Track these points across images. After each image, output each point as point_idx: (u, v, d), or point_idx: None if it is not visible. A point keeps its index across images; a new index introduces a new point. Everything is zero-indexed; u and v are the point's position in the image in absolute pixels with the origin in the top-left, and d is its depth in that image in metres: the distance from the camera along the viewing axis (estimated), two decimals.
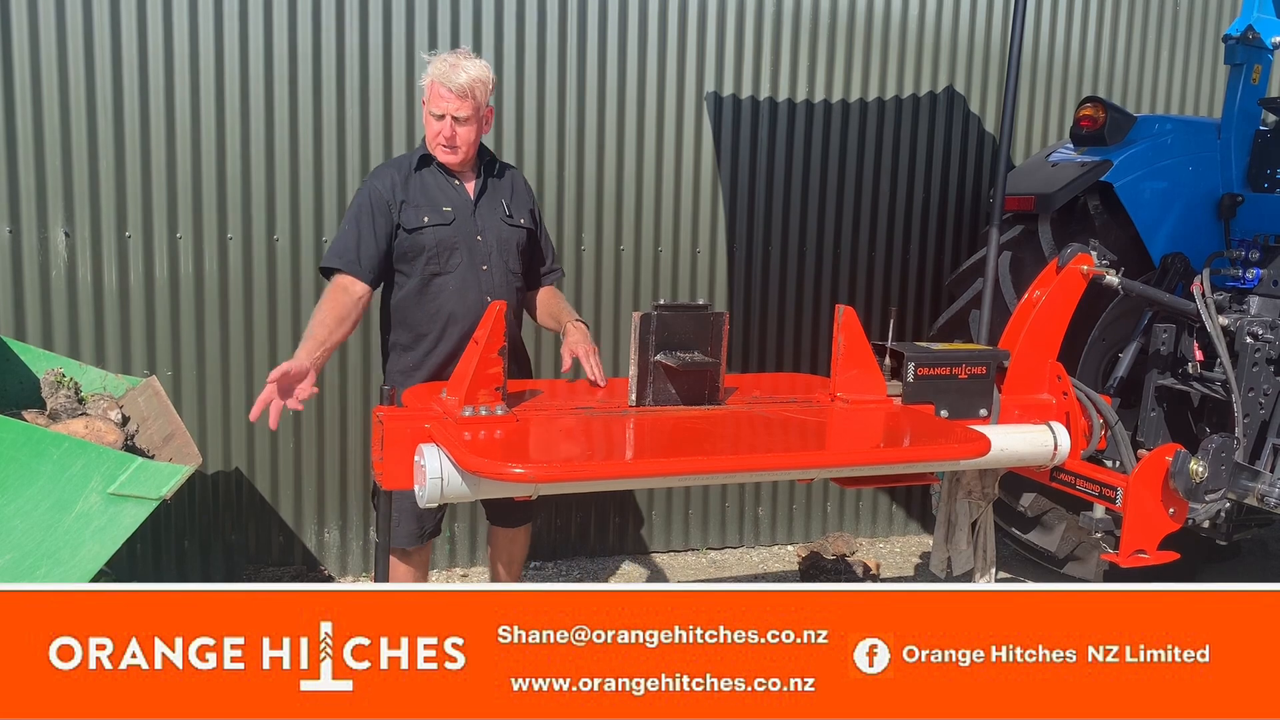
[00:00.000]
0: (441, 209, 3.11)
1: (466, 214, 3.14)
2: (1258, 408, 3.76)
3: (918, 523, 5.41)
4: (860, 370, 3.03)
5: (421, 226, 3.08)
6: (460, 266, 3.11)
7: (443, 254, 3.10)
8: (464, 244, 3.12)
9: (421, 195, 3.11)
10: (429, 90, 3.06)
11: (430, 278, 3.11)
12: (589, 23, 4.52)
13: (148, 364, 4.12)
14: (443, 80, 3.01)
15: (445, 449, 2.43)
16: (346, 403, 4.39)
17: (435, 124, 3.07)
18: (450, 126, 3.05)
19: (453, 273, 3.11)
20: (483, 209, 3.17)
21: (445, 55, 3.06)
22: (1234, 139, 4.26)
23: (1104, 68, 5.50)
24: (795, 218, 4.97)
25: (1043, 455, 3.13)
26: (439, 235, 3.09)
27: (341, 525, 4.50)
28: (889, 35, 5.01)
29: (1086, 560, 4.46)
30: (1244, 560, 4.88)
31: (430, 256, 3.10)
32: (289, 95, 4.17)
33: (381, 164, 3.33)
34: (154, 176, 4.06)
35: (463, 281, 3.12)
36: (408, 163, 3.17)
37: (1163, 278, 4.07)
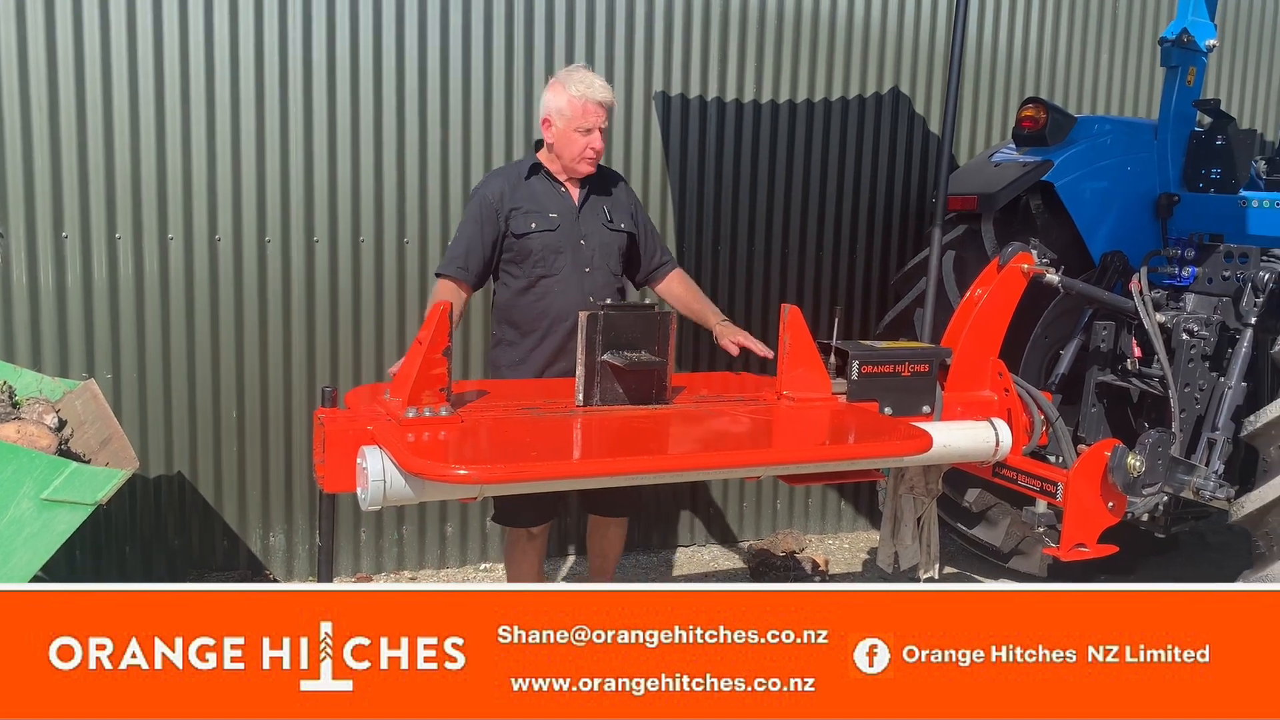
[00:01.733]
0: (548, 215, 3.30)
1: (571, 220, 3.33)
2: (1194, 403, 3.84)
3: (866, 519, 5.46)
4: (806, 369, 3.05)
5: (529, 232, 3.27)
6: (565, 269, 3.30)
7: (549, 258, 3.29)
8: (569, 248, 3.31)
9: (530, 202, 3.31)
10: (577, 108, 3.23)
11: (537, 279, 3.30)
12: (535, 21, 4.50)
13: (86, 367, 4.04)
14: (593, 96, 3.23)
15: (388, 451, 2.41)
16: (291, 404, 4.34)
17: (583, 139, 3.26)
18: (599, 139, 3.27)
19: (558, 275, 3.30)
20: (586, 215, 3.36)
21: (572, 73, 3.28)
22: (1170, 140, 4.34)
23: (1045, 69, 5.59)
24: (744, 218, 4.99)
25: (984, 451, 3.17)
26: (545, 240, 3.28)
27: (287, 529, 4.44)
28: (835, 36, 5.05)
29: (1030, 554, 4.53)
30: (1182, 553, 4.98)
31: (537, 260, 3.28)
32: (230, 92, 4.11)
33: (492, 171, 3.53)
34: (91, 175, 3.98)
35: (567, 283, 3.30)
36: (517, 171, 3.37)
37: (1102, 276, 4.14)
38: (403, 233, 4.40)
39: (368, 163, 4.32)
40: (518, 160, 3.49)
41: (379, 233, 4.37)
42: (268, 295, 4.25)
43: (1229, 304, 3.84)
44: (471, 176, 4.45)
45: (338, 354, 4.38)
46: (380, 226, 4.37)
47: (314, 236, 4.28)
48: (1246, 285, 3.77)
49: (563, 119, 3.27)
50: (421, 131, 4.38)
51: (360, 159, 4.31)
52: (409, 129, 4.36)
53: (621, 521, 3.70)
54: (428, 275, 4.44)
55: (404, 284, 4.43)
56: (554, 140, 3.32)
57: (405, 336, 4.40)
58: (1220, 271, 3.89)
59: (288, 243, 4.25)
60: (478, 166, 4.47)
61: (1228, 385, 3.73)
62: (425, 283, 4.44)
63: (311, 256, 4.29)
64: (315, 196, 4.27)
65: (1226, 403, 3.72)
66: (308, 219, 4.27)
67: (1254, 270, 3.77)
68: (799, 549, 5.04)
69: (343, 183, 4.30)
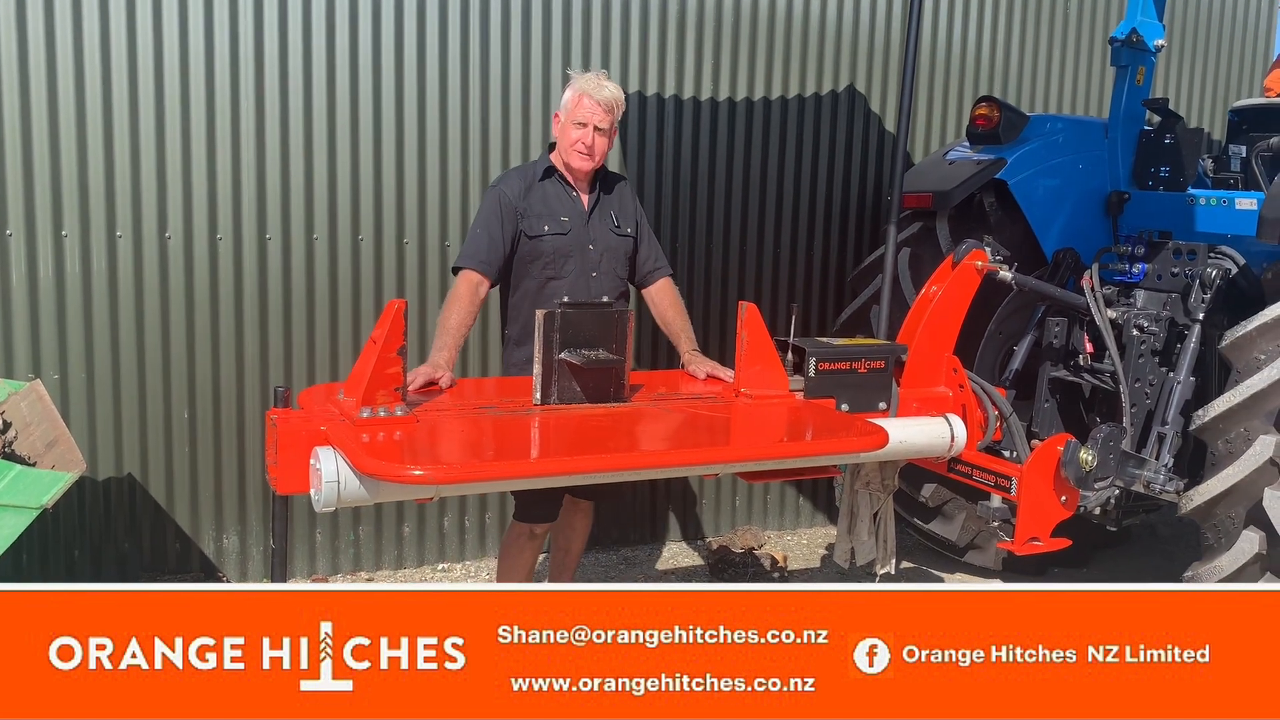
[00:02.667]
0: (560, 218, 3.36)
1: (581, 224, 3.38)
2: (1144, 398, 3.90)
3: (824, 515, 5.49)
4: (763, 366, 3.06)
5: (541, 234, 3.33)
6: (573, 272, 3.36)
7: (558, 260, 3.34)
8: (577, 252, 3.37)
9: (542, 205, 3.36)
10: (574, 102, 3.30)
11: (546, 281, 3.35)
12: (491, 19, 4.47)
13: (32, 367, 3.96)
14: (591, 93, 3.28)
15: (342, 451, 2.38)
16: (244, 404, 4.27)
17: (576, 131, 3.31)
18: (591, 135, 3.30)
19: (566, 278, 3.35)
20: (595, 220, 3.42)
21: (588, 74, 3.36)
22: (1120, 138, 4.41)
23: (999, 68, 5.65)
24: (701, 216, 4.99)
25: (940, 447, 3.20)
26: (556, 243, 3.34)
27: (241, 530, 4.38)
28: (791, 35, 5.07)
29: (986, 549, 4.58)
30: (1134, 545, 5.06)
31: (547, 262, 3.34)
32: (180, 85, 4.04)
33: (508, 170, 3.56)
34: (36, 172, 3.90)
35: (574, 286, 3.34)
36: (532, 172, 3.41)
37: (1055, 273, 4.19)
38: (357, 229, 4.35)
39: (321, 157, 4.27)
40: (533, 161, 3.55)
41: (333, 230, 4.32)
42: (219, 293, 4.19)
43: (1178, 300, 3.90)
44: (428, 179, 4.42)
45: (291, 353, 4.32)
46: (334, 223, 4.32)
47: (267, 234, 4.22)
48: (1195, 281, 3.84)
49: (565, 111, 3.35)
50: (376, 130, 4.34)
51: (314, 155, 4.25)
52: (362, 126, 4.31)
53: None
54: (383, 273, 4.40)
55: (359, 281, 4.38)
56: (557, 134, 3.39)
57: (360, 336, 4.35)
58: (1169, 268, 3.95)
59: (240, 239, 4.18)
60: (433, 169, 4.44)
61: (1177, 380, 3.79)
62: (380, 281, 4.40)
63: (265, 253, 4.23)
64: (267, 193, 4.21)
65: (1176, 397, 3.78)
66: (261, 215, 4.21)
67: (1202, 267, 3.84)
68: (758, 545, 5.06)
69: (295, 179, 4.24)
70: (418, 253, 4.45)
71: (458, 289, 3.26)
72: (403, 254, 4.43)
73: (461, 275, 3.28)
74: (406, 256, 4.44)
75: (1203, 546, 3.40)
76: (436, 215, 4.46)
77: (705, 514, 5.24)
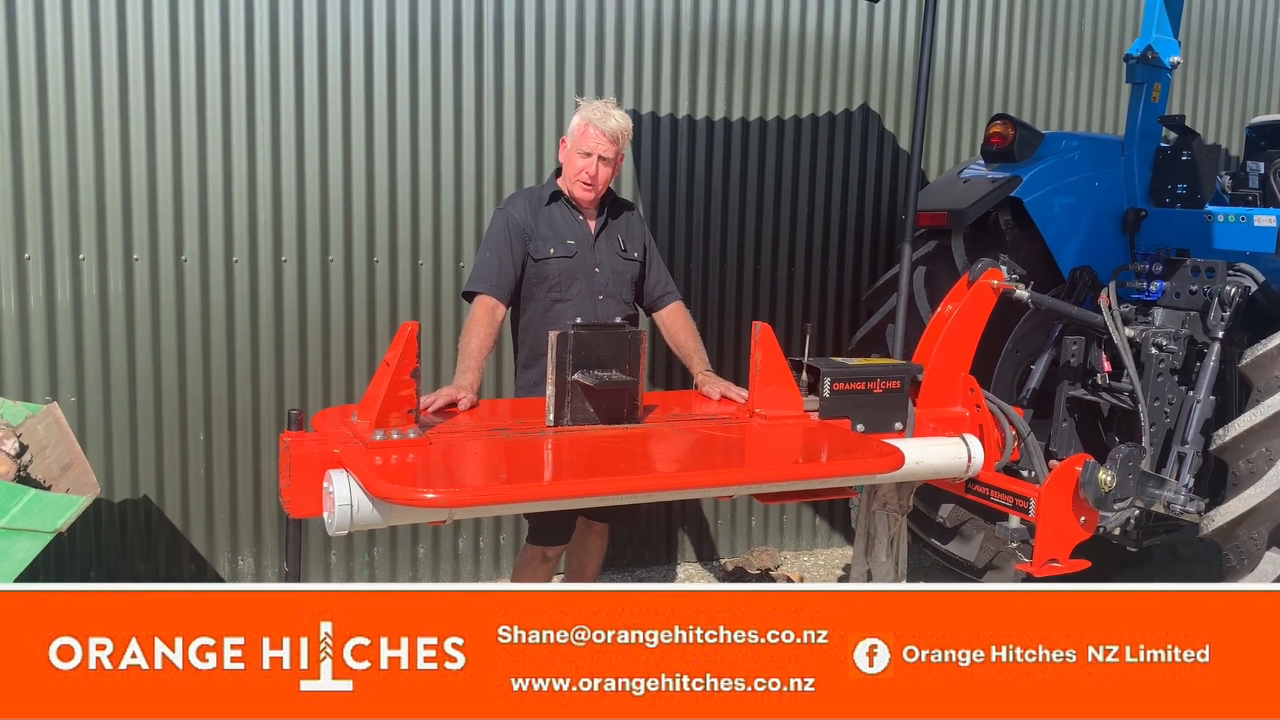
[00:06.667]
0: (566, 242, 3.37)
1: (587, 248, 3.40)
2: (1163, 417, 3.86)
3: (841, 535, 5.46)
4: (778, 386, 3.04)
5: (547, 257, 3.34)
6: (579, 295, 3.37)
7: (564, 283, 3.36)
8: (583, 275, 3.38)
9: (549, 228, 3.37)
10: (580, 130, 3.32)
11: (552, 303, 3.36)
12: (505, 41, 4.49)
13: (49, 390, 3.98)
14: (597, 123, 3.29)
15: (355, 475, 2.37)
16: (259, 425, 4.29)
17: (580, 161, 3.32)
18: (595, 165, 3.31)
19: (572, 300, 3.36)
20: (601, 244, 3.43)
21: (595, 102, 3.35)
22: (1136, 155, 4.38)
23: (1013, 86, 5.63)
24: (715, 235, 4.99)
25: (957, 468, 3.16)
26: (562, 266, 3.35)
27: (256, 553, 4.38)
28: (805, 54, 5.07)
29: (1005, 569, 4.53)
30: (1155, 566, 5.00)
31: (553, 285, 3.35)
32: (196, 110, 4.07)
33: (515, 193, 3.53)
34: (54, 195, 3.93)
35: (580, 309, 3.34)
36: (539, 196, 3.42)
37: (1071, 291, 4.16)
38: (372, 252, 4.37)
39: (336, 181, 4.29)
40: (540, 184, 3.56)
41: (348, 252, 4.33)
42: (235, 316, 4.21)
43: (1196, 318, 3.87)
44: (443, 201, 4.43)
45: (307, 375, 4.33)
46: (350, 246, 4.33)
47: (283, 256, 4.24)
48: (1213, 299, 3.80)
49: (571, 139, 3.36)
50: (390, 152, 4.36)
51: (329, 177, 4.28)
52: (378, 148, 4.34)
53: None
54: (398, 295, 4.41)
55: (373, 303, 4.39)
56: (563, 160, 3.41)
57: (375, 357, 4.36)
58: (1187, 286, 3.92)
59: (255, 262, 4.21)
60: (448, 191, 4.45)
61: (1196, 399, 3.76)
62: (395, 303, 4.41)
63: (280, 276, 4.25)
64: (283, 216, 4.23)
65: (1195, 416, 3.74)
66: (276, 238, 4.23)
67: (1220, 284, 3.80)
68: (774, 566, 5.03)
69: (310, 201, 4.26)
70: (432, 275, 4.47)
71: (475, 314, 3.27)
72: (417, 276, 4.44)
73: (477, 300, 3.30)
74: (421, 279, 4.45)
75: (1224, 568, 3.36)
76: (451, 237, 4.47)
77: (721, 535, 5.21)
